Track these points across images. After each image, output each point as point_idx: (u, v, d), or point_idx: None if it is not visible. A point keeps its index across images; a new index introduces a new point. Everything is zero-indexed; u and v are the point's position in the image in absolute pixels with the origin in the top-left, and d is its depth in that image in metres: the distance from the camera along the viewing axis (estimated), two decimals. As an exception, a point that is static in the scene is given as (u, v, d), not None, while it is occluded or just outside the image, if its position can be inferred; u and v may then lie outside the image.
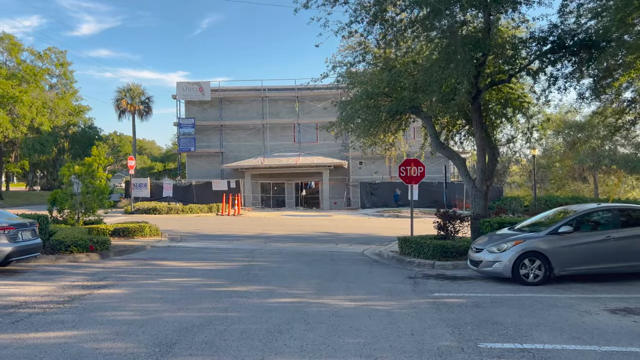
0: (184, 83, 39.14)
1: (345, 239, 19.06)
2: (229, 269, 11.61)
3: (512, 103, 13.75)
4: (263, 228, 22.85)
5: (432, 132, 14.82)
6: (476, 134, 14.03)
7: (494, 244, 10.17)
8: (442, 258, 12.51)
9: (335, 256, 14.37)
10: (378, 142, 16.90)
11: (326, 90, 38.47)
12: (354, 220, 27.85)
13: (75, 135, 49.02)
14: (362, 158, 37.81)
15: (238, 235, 19.97)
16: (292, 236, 19.78)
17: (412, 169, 14.90)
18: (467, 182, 14.34)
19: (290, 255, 14.37)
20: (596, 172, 34.80)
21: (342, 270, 11.74)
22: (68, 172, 18.72)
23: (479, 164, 14.12)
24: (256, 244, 17.10)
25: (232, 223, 25.58)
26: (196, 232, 20.83)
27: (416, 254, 13.15)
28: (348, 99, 17.01)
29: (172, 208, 30.05)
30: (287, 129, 39.70)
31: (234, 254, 14.48)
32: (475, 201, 14.19)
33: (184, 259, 13.33)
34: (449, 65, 11.61)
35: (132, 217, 28.16)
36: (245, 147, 39.49)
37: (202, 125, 39.52)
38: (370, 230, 22.46)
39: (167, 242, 17.35)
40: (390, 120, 15.77)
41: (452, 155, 14.66)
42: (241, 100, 40.07)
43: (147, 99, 45.61)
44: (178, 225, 23.64)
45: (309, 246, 16.87)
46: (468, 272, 11.38)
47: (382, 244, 17.52)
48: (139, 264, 12.38)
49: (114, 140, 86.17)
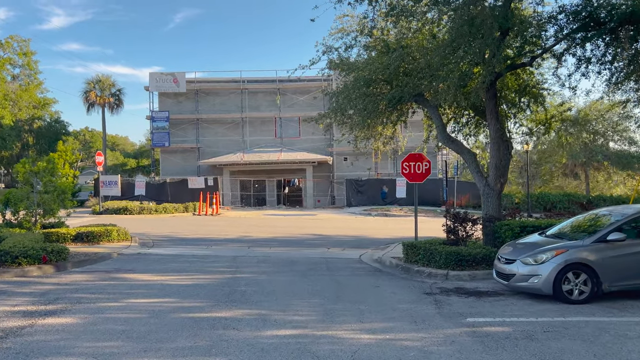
0: (157, 74, 36.74)
1: (337, 242, 17.33)
2: (210, 284, 9.73)
3: (531, 91, 12.18)
4: (245, 230, 20.94)
5: (439, 123, 13.17)
6: (490, 125, 12.43)
7: (529, 255, 8.55)
8: (457, 267, 10.88)
9: (331, 264, 12.62)
10: (375, 135, 15.18)
11: (310, 83, 36.71)
12: (341, 220, 26.15)
13: (40, 129, 45.94)
14: (347, 154, 36.12)
15: (218, 238, 18.03)
16: (278, 239, 17.95)
17: (417, 165, 13.23)
18: (478, 179, 12.75)
19: (279, 263, 12.56)
20: (588, 168, 33.90)
21: (344, 284, 9.98)
22: (23, 168, 16.44)
23: (492, 160, 12.53)
24: (239, 249, 15.23)
25: (210, 224, 23.58)
26: (171, 235, 18.80)
27: (425, 262, 11.49)
28: (340, 88, 15.24)
29: (145, 208, 27.85)
30: (267, 123, 37.69)
31: (214, 263, 12.58)
32: (488, 201, 12.61)
33: (155, 270, 11.38)
34: (468, 43, 9.96)
35: (100, 218, 25.86)
36: (224, 142, 37.35)
37: (177, 119, 37.21)
38: (360, 232, 20.79)
39: (138, 248, 15.32)
40: (391, 110, 14.07)
41: (461, 150, 13.04)
42: (219, 93, 37.87)
43: (118, 91, 42.91)
44: (151, 227, 21.54)
45: (299, 251, 15.08)
46: (491, 284, 9.78)
47: (378, 247, 15.88)
48: (102, 277, 10.39)
49: (85, 135, 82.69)
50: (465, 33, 9.69)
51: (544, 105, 12.87)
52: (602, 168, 34.74)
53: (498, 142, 12.44)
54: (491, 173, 12.56)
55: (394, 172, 36.26)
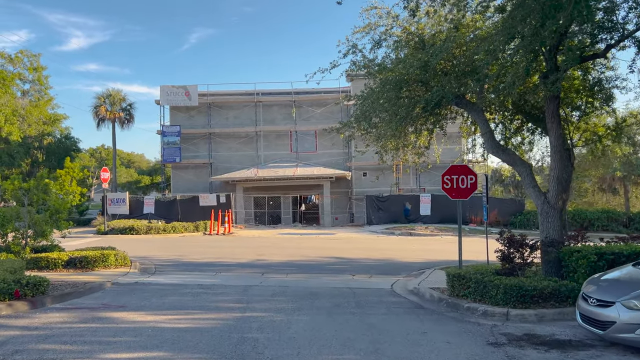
0: (169, 87, 35.34)
1: (361, 267, 15.30)
2: (214, 328, 7.77)
3: (602, 89, 10.13)
4: (258, 252, 18.99)
5: (486, 129, 11.16)
6: (550, 131, 10.39)
7: (635, 296, 6.44)
8: (518, 304, 8.78)
9: (359, 297, 10.58)
10: (407, 145, 13.22)
11: (326, 95, 35.04)
12: (363, 240, 24.06)
13: (50, 146, 44.73)
14: (367, 169, 34.16)
15: (228, 262, 16.11)
16: (295, 263, 15.96)
17: (460, 179, 11.21)
18: (535, 196, 10.66)
19: (297, 296, 10.56)
20: (628, 183, 31.34)
21: (380, 328, 7.94)
22: (12, 185, 14.78)
23: (553, 172, 10.47)
24: (251, 277, 13.29)
25: (221, 245, 21.68)
26: (176, 259, 16.93)
27: (477, 296, 9.40)
28: (365, 93, 13.39)
29: (153, 227, 26.11)
30: (283, 137, 35.92)
31: (221, 296, 10.63)
32: (548, 221, 10.50)
33: (151, 306, 9.46)
34: (532, 29, 8.03)
35: (104, 238, 24.18)
36: (237, 157, 35.64)
37: (188, 134, 35.66)
38: (386, 254, 18.70)
39: (137, 275, 13.46)
40: (427, 115, 12.13)
41: (513, 161, 10.99)
42: (232, 106, 36.29)
43: (129, 106, 41.53)
44: (156, 249, 19.73)
45: (319, 279, 13.09)
46: (568, 329, 7.69)
47: (410, 274, 13.83)
48: (83, 318, 8.50)
49: (102, 153, 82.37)
50: (528, 9, 7.74)
51: (612, 108, 10.81)
52: (640, 182, 32.18)
53: (560, 152, 10.39)
54: (552, 188, 10.49)
55: (417, 188, 34.12)
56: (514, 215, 31.08)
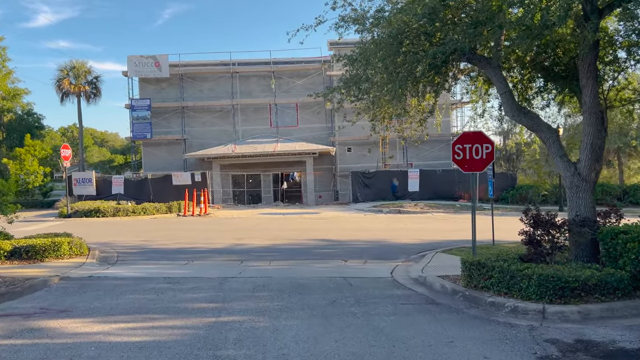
0: (137, 57, 32.66)
1: (353, 251, 13.62)
2: (178, 343, 5.95)
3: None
4: (237, 235, 17.14)
5: (504, 88, 9.40)
6: (585, 88, 8.70)
7: None
8: (557, 299, 7.17)
9: (358, 290, 8.86)
10: (410, 111, 11.41)
11: (308, 64, 32.93)
12: (350, 220, 22.40)
13: (11, 123, 41.62)
14: (352, 143, 32.38)
15: (202, 248, 14.25)
16: (279, 248, 14.19)
17: (474, 149, 9.47)
18: (564, 167, 9.02)
19: (284, 290, 8.79)
20: (622, 155, 30.25)
21: (394, 338, 6.22)
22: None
23: (586, 138, 8.83)
24: (228, 266, 11.48)
25: (196, 228, 19.75)
26: (144, 245, 14.99)
27: (502, 288, 7.77)
28: (356, 54, 11.50)
29: (121, 209, 23.93)
30: (262, 110, 33.73)
31: (191, 292, 8.80)
32: (579, 197, 8.92)
33: (102, 310, 7.58)
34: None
35: (66, 222, 21.99)
36: (213, 132, 33.39)
37: (160, 108, 33.21)
38: (377, 234, 17.06)
39: (94, 266, 11.50)
40: (433, 74, 10.30)
41: (538, 126, 9.27)
42: (206, 77, 33.84)
43: (95, 79, 38.57)
44: (122, 233, 17.71)
45: (307, 266, 11.36)
46: (628, 331, 6.11)
47: (409, 258, 12.25)
48: (8, 332, 6.57)
49: (74, 132, 78.96)
50: None
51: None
52: (634, 154, 31.13)
53: (595, 113, 8.75)
54: (584, 157, 8.86)
55: (404, 163, 32.52)
56: (506, 190, 29.73)
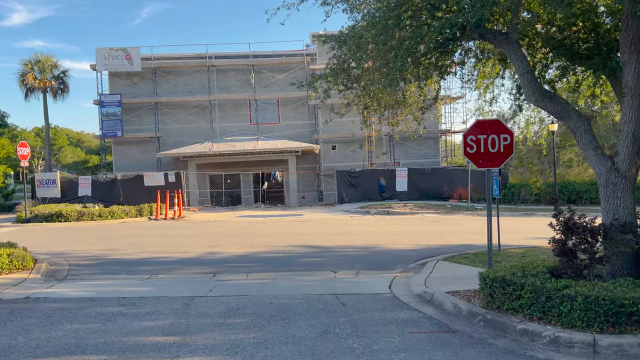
0: (106, 49, 30.50)
1: (342, 259, 12.01)
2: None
3: None
4: (212, 241, 15.37)
5: (525, 67, 7.85)
6: (627, 66, 7.21)
7: None
8: (608, 327, 5.65)
9: (353, 313, 7.23)
10: (409, 98, 9.84)
11: (289, 58, 31.25)
12: (336, 222, 20.78)
13: (-28, 121, 39.14)
14: (336, 141, 30.79)
15: (171, 258, 12.46)
16: (258, 257, 12.49)
17: (491, 140, 7.90)
18: (597, 160, 7.53)
19: (264, 315, 7.11)
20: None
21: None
22: None
23: (626, 126, 7.34)
24: (198, 281, 9.76)
25: (167, 233, 17.89)
26: (104, 255, 13.13)
27: (535, 312, 6.23)
28: (344, 34, 9.96)
29: (86, 212, 21.88)
30: (241, 106, 31.85)
31: (147, 319, 7.05)
32: (616, 197, 7.42)
33: (23, 350, 5.80)
34: None
35: (23, 227, 19.94)
36: (188, 130, 31.41)
37: (131, 104, 31.12)
38: (368, 238, 15.48)
39: (36, 283, 9.65)
40: (438, 53, 8.73)
41: (566, 112, 7.75)
42: (181, 71, 31.83)
43: (62, 74, 36.13)
44: (84, 240, 15.80)
45: (291, 280, 9.72)
46: None
47: (407, 267, 10.76)
48: None
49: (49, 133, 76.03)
50: None
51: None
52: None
53: (639, 97, 7.25)
54: (623, 149, 7.38)
55: (391, 162, 31.03)
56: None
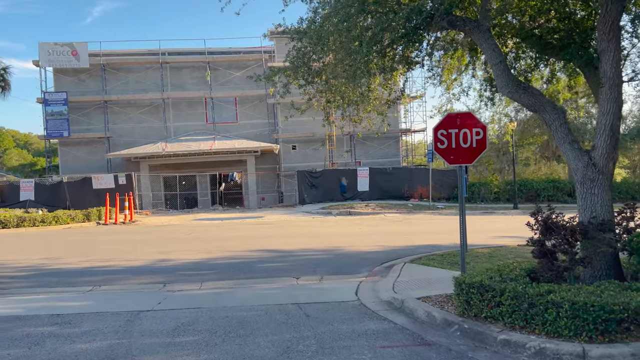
0: (50, 44, 28.67)
1: (304, 263, 11.31)
2: None
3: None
4: (164, 247, 14.33)
5: (498, 57, 7.38)
6: (605, 54, 6.84)
7: None
8: (597, 335, 5.18)
9: (318, 326, 6.53)
10: (373, 92, 9.24)
11: (247, 55, 30.31)
12: (298, 224, 20.07)
13: None
14: (296, 141, 30.07)
15: (117, 267, 11.39)
16: (214, 263, 11.61)
17: (462, 134, 7.37)
18: (574, 155, 7.13)
19: (217, 332, 6.31)
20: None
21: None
22: None
23: (604, 118, 6.98)
24: (145, 292, 8.81)
25: (115, 239, 16.67)
26: (42, 265, 11.90)
27: (517, 320, 5.70)
28: (304, 26, 9.36)
29: (27, 218, 20.26)
30: (196, 105, 30.64)
31: (82, 342, 6.10)
32: (594, 193, 7.04)
33: None
34: None
35: (-47, 236, 18.16)
36: (140, 129, 29.94)
37: (79, 102, 29.38)
38: (331, 241, 14.85)
39: (-45, 301, 8.44)
40: (405, 43, 8.16)
41: (541, 105, 7.31)
42: (132, 68, 30.32)
43: (4, 70, 33.81)
44: (22, 249, 14.44)
45: (250, 289, 8.93)
46: None
47: (373, 271, 10.22)
48: None
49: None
50: None
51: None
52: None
53: (618, 87, 6.92)
54: (601, 142, 7.01)
55: (352, 161, 30.58)
56: (456, 188, 28.44)
